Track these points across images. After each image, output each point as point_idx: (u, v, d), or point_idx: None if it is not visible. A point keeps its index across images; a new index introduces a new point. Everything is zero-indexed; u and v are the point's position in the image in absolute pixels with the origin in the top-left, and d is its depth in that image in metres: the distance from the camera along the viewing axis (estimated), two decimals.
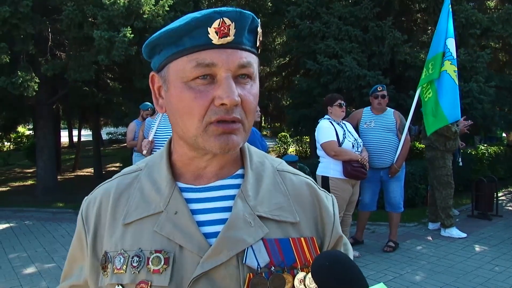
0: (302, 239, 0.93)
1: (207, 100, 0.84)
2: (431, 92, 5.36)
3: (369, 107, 5.57)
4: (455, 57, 5.26)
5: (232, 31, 0.83)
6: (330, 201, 1.03)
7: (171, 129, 0.97)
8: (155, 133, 5.19)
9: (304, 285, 0.89)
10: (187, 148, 0.92)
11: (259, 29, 0.90)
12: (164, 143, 1.34)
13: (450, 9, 5.42)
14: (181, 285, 0.85)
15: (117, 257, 0.90)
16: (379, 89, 5.43)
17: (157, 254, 0.87)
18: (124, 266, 0.88)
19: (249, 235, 0.87)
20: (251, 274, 0.85)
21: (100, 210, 0.96)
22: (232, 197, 0.93)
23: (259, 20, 0.89)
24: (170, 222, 0.89)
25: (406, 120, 5.43)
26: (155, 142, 5.15)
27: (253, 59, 0.88)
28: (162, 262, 0.86)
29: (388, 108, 5.51)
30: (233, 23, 0.83)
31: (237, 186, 0.94)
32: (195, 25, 0.82)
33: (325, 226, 0.98)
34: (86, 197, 1.03)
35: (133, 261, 0.88)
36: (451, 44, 5.30)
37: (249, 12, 0.86)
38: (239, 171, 0.97)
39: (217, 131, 0.85)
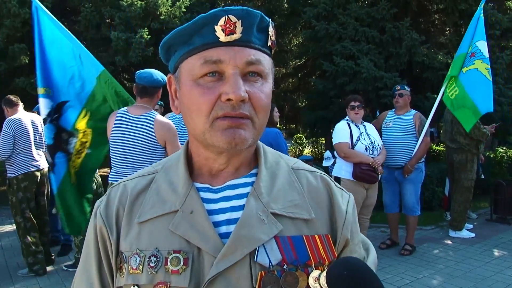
0: (316, 236, 0.91)
1: (214, 96, 0.84)
2: (457, 88, 5.38)
3: (394, 108, 5.66)
4: (486, 56, 5.31)
5: (239, 29, 0.84)
6: (346, 199, 1.00)
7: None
8: None
9: (319, 283, 0.87)
10: (202, 147, 0.93)
11: (271, 29, 0.90)
12: None
13: (482, 15, 5.46)
14: (199, 286, 0.84)
15: (132, 257, 0.88)
16: (397, 88, 5.53)
17: (176, 255, 0.86)
18: (141, 266, 0.86)
19: (262, 233, 0.86)
20: (263, 272, 0.84)
21: (118, 211, 0.94)
22: (246, 195, 0.92)
23: (270, 19, 0.90)
24: (185, 222, 0.88)
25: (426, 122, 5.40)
26: None
27: (264, 58, 0.88)
28: (182, 263, 0.85)
29: (411, 110, 5.54)
30: (240, 20, 0.84)
31: (251, 184, 0.94)
32: (202, 23, 0.84)
33: (337, 224, 0.96)
34: (100, 199, 1.00)
35: (150, 261, 0.86)
36: (483, 46, 5.35)
37: (257, 11, 0.86)
38: (254, 170, 0.97)
39: (223, 126, 0.85)
